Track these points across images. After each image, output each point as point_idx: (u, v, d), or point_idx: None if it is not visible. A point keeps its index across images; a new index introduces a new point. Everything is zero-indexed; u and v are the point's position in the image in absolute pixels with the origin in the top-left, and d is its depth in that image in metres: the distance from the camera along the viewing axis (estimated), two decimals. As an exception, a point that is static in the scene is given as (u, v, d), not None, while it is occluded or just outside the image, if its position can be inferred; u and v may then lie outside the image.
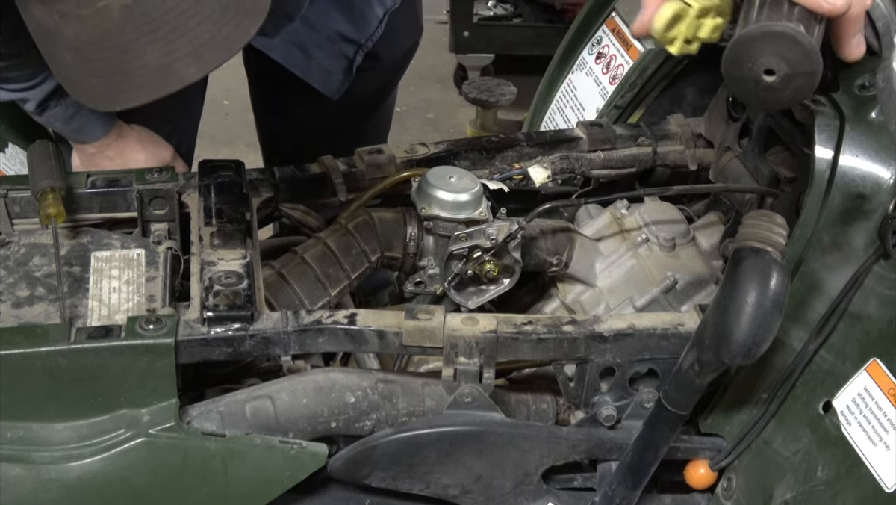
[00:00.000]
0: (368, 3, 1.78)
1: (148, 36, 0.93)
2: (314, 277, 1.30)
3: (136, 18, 0.92)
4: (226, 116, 3.39)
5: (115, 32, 0.93)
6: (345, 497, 1.21)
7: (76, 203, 1.27)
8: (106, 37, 0.93)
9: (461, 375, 1.12)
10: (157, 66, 0.94)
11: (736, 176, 1.44)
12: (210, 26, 0.93)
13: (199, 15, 0.93)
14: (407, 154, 1.47)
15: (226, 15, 0.94)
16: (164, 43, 0.93)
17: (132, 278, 1.17)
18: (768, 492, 1.14)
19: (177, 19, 0.93)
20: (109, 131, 1.51)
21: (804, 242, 1.13)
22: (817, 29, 0.90)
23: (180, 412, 1.08)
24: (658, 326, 1.14)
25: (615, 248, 1.42)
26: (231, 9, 0.94)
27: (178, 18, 0.93)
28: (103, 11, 0.92)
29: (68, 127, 1.49)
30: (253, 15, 0.95)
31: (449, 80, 3.92)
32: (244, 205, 1.25)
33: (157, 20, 0.92)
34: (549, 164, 1.49)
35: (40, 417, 1.05)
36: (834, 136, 1.12)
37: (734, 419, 1.20)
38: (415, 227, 1.35)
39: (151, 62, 0.94)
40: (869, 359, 1.06)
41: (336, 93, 1.81)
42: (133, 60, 0.94)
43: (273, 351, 1.11)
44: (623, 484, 1.17)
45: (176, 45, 0.93)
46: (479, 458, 1.16)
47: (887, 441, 1.03)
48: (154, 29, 0.93)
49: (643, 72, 1.60)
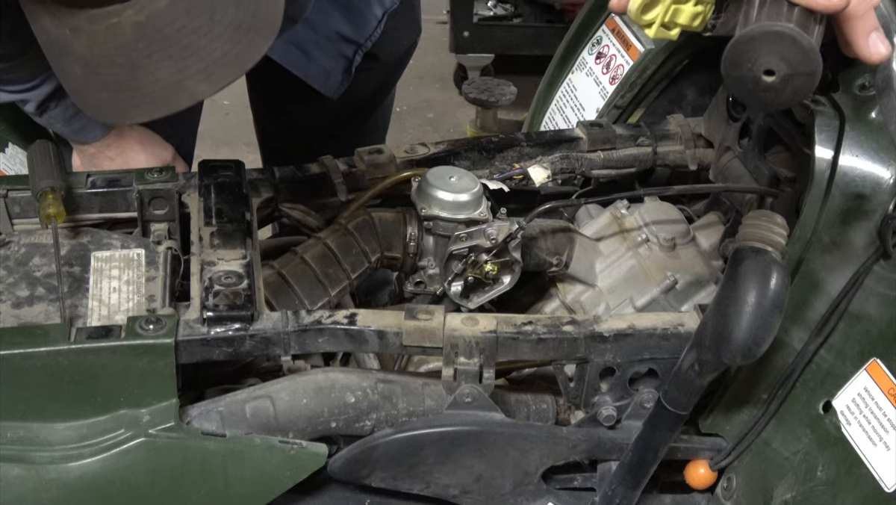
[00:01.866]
0: (367, 4, 1.79)
1: (159, 53, 0.93)
2: (314, 277, 1.30)
3: (148, 35, 0.92)
4: (226, 116, 3.39)
5: (127, 49, 0.93)
6: (345, 497, 1.21)
7: (76, 203, 1.27)
8: (117, 53, 0.93)
9: (461, 375, 1.12)
10: (168, 83, 0.93)
11: (736, 176, 1.44)
12: (221, 44, 0.93)
13: (211, 33, 0.93)
14: (407, 154, 1.47)
15: (238, 33, 0.93)
16: (175, 60, 0.93)
17: (132, 278, 1.17)
18: (768, 492, 1.14)
19: (188, 37, 0.92)
20: (109, 132, 1.51)
21: (804, 242, 1.13)
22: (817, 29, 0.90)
23: (180, 412, 1.08)
24: (658, 326, 1.14)
25: (615, 248, 1.42)
26: (243, 27, 0.93)
27: (190, 36, 0.92)
28: (115, 28, 0.92)
29: (68, 128, 1.49)
30: (264, 32, 0.95)
31: (449, 80, 3.92)
32: (244, 205, 1.25)
33: (168, 38, 0.92)
34: (549, 164, 1.49)
35: (40, 417, 1.05)
36: (834, 136, 1.12)
37: (734, 419, 1.20)
38: (415, 227, 1.35)
39: (162, 79, 0.93)
40: (869, 359, 1.06)
41: (335, 93, 1.82)
42: (143, 77, 0.93)
43: (273, 351, 1.11)
44: (623, 484, 1.17)
45: (187, 63, 0.93)
46: (479, 458, 1.16)
47: (887, 441, 1.03)
48: (165, 46, 0.92)
49: (643, 72, 1.60)
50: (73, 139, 1.53)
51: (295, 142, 1.96)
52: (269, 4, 0.95)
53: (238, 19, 0.93)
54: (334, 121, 1.91)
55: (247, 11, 0.93)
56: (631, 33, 1.62)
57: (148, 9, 0.92)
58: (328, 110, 1.86)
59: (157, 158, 1.56)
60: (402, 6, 1.82)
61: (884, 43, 0.94)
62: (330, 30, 1.77)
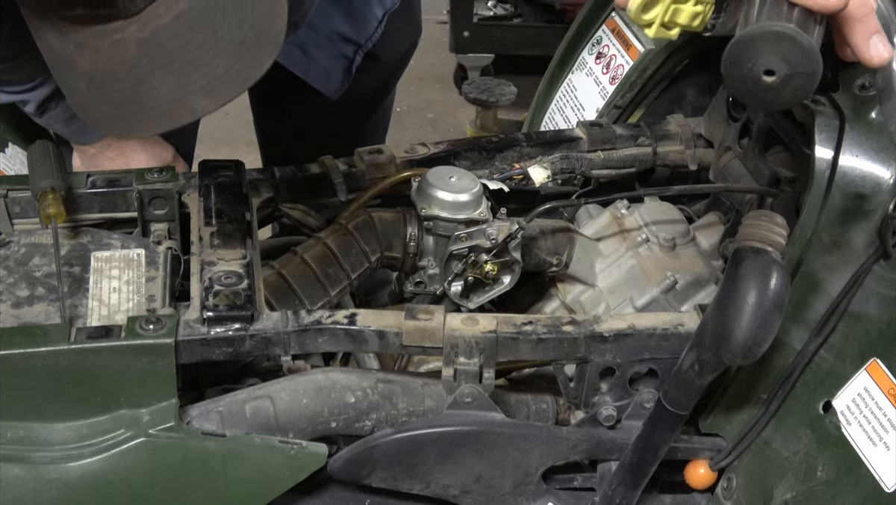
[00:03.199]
0: (368, 4, 1.78)
1: (162, 69, 0.93)
2: (314, 277, 1.30)
3: (152, 51, 0.92)
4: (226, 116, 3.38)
5: (130, 64, 0.93)
6: (345, 497, 1.21)
7: (76, 203, 1.27)
8: (121, 68, 0.93)
9: (461, 375, 1.12)
10: (171, 99, 0.94)
11: (736, 176, 1.44)
12: (224, 61, 0.93)
13: (214, 49, 0.93)
14: (407, 154, 1.47)
15: (241, 49, 0.93)
16: (178, 76, 0.93)
17: (132, 278, 1.17)
18: (768, 492, 1.14)
19: (192, 53, 0.92)
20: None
21: (804, 242, 1.13)
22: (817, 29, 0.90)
23: (180, 412, 1.08)
24: (658, 326, 1.14)
25: (615, 248, 1.42)
26: (247, 43, 0.93)
27: (194, 52, 0.92)
28: (119, 43, 0.92)
29: (68, 128, 1.49)
30: (267, 48, 0.95)
31: (449, 80, 3.92)
32: (244, 205, 1.25)
33: (172, 53, 0.92)
34: (549, 164, 1.49)
35: (40, 417, 1.05)
36: (834, 136, 1.12)
37: (734, 419, 1.20)
38: (415, 227, 1.35)
39: (165, 94, 0.94)
40: (869, 359, 1.06)
41: (335, 93, 1.81)
42: (147, 92, 0.94)
43: (273, 351, 1.11)
44: (623, 484, 1.17)
45: (190, 79, 0.93)
46: (479, 458, 1.16)
47: (887, 441, 1.03)
48: (169, 62, 0.93)
49: (643, 72, 1.60)
50: (74, 139, 1.53)
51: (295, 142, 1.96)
52: (273, 20, 0.95)
53: (241, 35, 0.93)
54: (334, 121, 1.91)
55: (250, 27, 0.93)
56: (631, 33, 1.62)
57: (151, 25, 0.92)
58: (328, 110, 1.86)
59: (158, 158, 1.56)
60: (402, 7, 1.82)
61: (885, 46, 0.93)
62: (330, 30, 1.77)
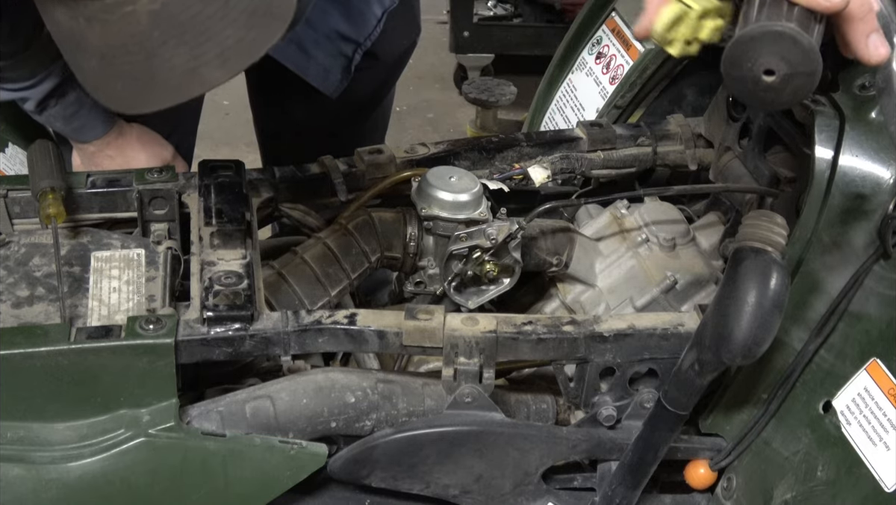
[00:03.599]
0: (367, 3, 1.78)
1: (174, 40, 0.92)
2: (314, 277, 1.30)
3: (163, 23, 0.91)
4: (226, 116, 3.39)
5: (142, 37, 0.92)
6: (345, 497, 1.21)
7: (76, 203, 1.27)
8: (132, 41, 0.92)
9: (461, 375, 1.12)
10: (183, 70, 0.93)
11: (736, 176, 1.44)
12: (236, 30, 0.92)
13: (226, 19, 0.92)
14: (407, 154, 1.47)
15: (252, 18, 0.93)
16: (190, 47, 0.92)
17: (132, 278, 1.17)
18: (768, 492, 1.14)
19: (204, 23, 0.92)
20: (109, 130, 1.51)
21: (804, 242, 1.13)
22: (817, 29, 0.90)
23: (180, 412, 1.08)
24: (658, 326, 1.14)
25: (615, 248, 1.42)
26: (258, 12, 0.93)
27: (206, 23, 0.92)
28: (130, 16, 0.91)
29: (68, 126, 1.49)
30: (280, 16, 0.94)
31: (449, 80, 3.92)
32: (244, 205, 1.25)
33: (183, 24, 0.92)
34: (549, 164, 1.49)
35: (40, 417, 1.05)
36: (834, 136, 1.12)
37: (734, 419, 1.20)
38: (415, 227, 1.35)
39: (177, 66, 0.93)
40: (869, 359, 1.06)
41: (334, 91, 1.81)
42: (159, 65, 0.93)
43: (273, 351, 1.11)
44: (623, 484, 1.17)
45: (202, 49, 0.92)
46: (479, 458, 1.16)
47: (887, 441, 1.03)
48: (181, 33, 0.92)
49: (643, 72, 1.60)
50: (73, 138, 1.52)
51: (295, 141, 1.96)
52: None
53: (253, 4, 0.93)
54: (334, 120, 1.91)
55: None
56: (631, 33, 1.62)
57: None
58: (328, 109, 1.86)
59: (157, 158, 1.56)
60: (401, 6, 1.82)
61: (883, 44, 0.94)
62: (329, 28, 1.76)
